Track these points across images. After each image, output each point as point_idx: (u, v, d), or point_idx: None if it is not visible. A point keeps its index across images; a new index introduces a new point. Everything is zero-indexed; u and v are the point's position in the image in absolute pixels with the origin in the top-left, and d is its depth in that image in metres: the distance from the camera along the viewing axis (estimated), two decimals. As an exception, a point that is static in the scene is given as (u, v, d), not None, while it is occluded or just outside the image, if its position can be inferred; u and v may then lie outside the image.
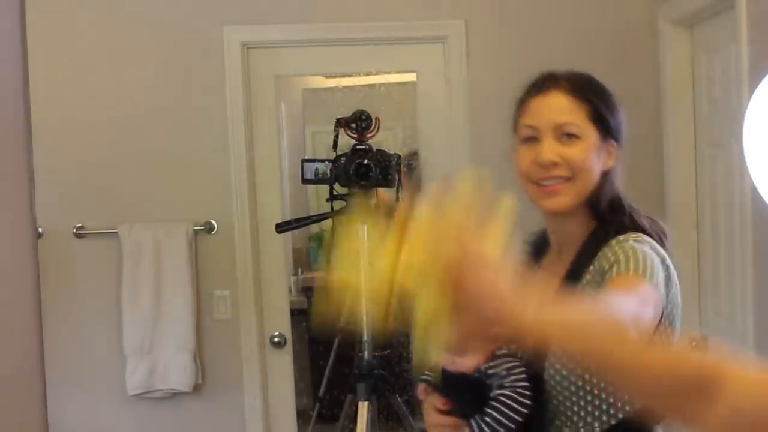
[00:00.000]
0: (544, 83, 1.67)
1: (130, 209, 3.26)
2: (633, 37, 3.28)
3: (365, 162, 2.63)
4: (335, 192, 2.70)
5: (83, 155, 3.23)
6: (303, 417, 3.57)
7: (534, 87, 1.68)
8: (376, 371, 2.66)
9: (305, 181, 2.76)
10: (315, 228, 3.84)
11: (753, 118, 1.69)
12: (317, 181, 2.75)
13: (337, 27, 3.29)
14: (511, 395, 1.54)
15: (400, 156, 2.76)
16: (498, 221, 1.12)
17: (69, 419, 3.16)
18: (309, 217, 2.88)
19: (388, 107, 3.61)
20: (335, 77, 3.86)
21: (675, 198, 3.18)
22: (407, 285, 1.07)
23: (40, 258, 2.07)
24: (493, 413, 1.53)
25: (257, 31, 3.30)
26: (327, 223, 2.87)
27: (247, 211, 3.27)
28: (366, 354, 2.69)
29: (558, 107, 1.64)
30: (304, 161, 2.76)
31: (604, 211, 1.66)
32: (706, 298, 3.10)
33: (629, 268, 1.49)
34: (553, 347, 1.13)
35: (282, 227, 2.79)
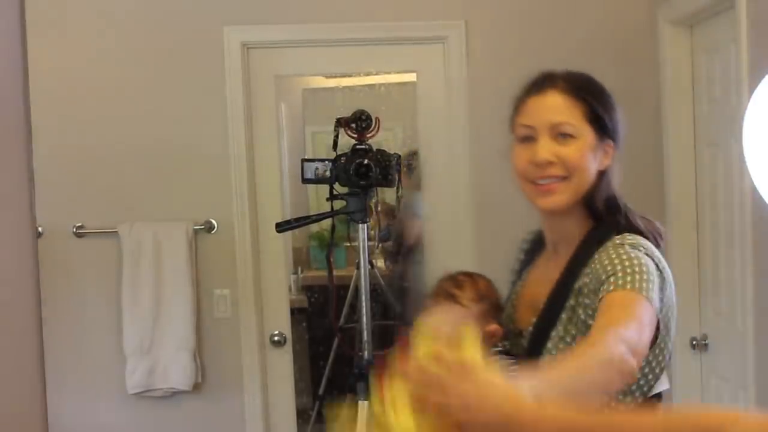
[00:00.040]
0: (541, 83, 1.68)
1: (130, 209, 3.26)
2: (633, 37, 3.28)
3: (365, 162, 2.62)
4: (335, 192, 2.70)
5: (83, 155, 3.23)
6: (303, 416, 3.57)
7: (531, 86, 1.69)
8: (376, 371, 2.66)
9: (305, 181, 2.76)
10: (315, 227, 3.84)
11: (753, 118, 1.69)
12: (317, 181, 2.74)
13: (337, 27, 3.29)
14: None
15: (400, 156, 2.76)
16: (467, 342, 1.18)
17: (69, 419, 3.16)
18: (309, 217, 2.87)
19: (388, 107, 3.61)
20: (335, 77, 3.86)
21: (675, 198, 3.18)
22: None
23: (40, 257, 2.07)
24: None
25: (257, 31, 3.30)
26: (327, 222, 2.87)
27: (247, 211, 3.28)
28: (366, 353, 2.69)
29: (554, 107, 1.64)
30: (304, 161, 2.76)
31: (600, 211, 1.66)
32: (706, 298, 3.10)
33: (626, 281, 1.49)
34: None
35: (282, 227, 2.79)
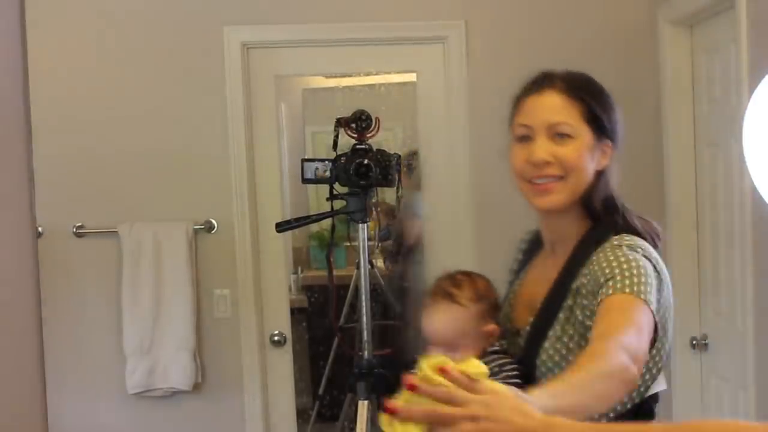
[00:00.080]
0: (539, 82, 1.68)
1: (130, 209, 3.26)
2: (633, 37, 3.29)
3: (365, 162, 2.62)
4: (335, 192, 2.70)
5: (83, 155, 3.23)
6: (303, 416, 3.57)
7: (529, 86, 1.69)
8: (376, 370, 2.66)
9: (305, 181, 2.76)
10: (315, 227, 3.84)
11: (753, 118, 1.69)
12: (317, 181, 2.74)
13: (337, 27, 3.29)
14: None
15: (400, 156, 2.76)
16: (471, 360, 1.21)
17: (69, 419, 3.17)
18: (309, 217, 2.87)
19: (388, 107, 3.61)
20: (335, 77, 3.86)
21: (675, 198, 3.18)
22: None
23: (40, 257, 2.07)
24: None
25: (257, 31, 3.30)
26: (327, 222, 2.87)
27: (247, 211, 3.28)
28: (366, 353, 2.69)
29: (551, 107, 1.64)
30: (304, 161, 2.76)
31: (597, 211, 1.66)
32: (706, 298, 3.10)
33: (625, 284, 1.49)
34: None
35: (282, 227, 2.79)
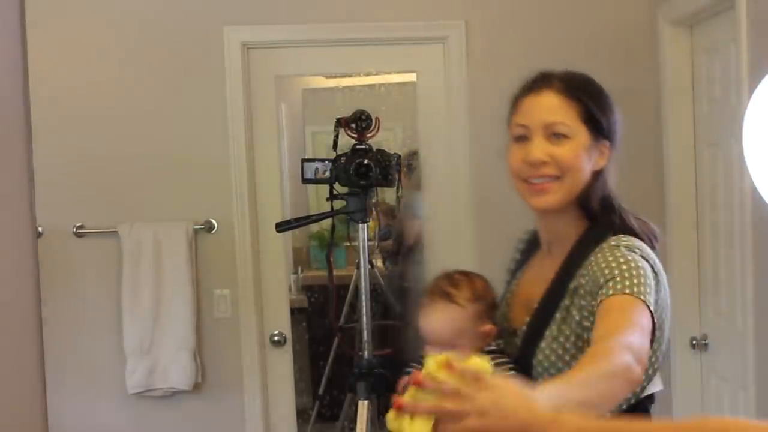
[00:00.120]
0: (537, 82, 1.68)
1: (130, 209, 3.26)
2: (633, 37, 3.29)
3: (365, 162, 2.62)
4: (335, 192, 2.70)
5: (83, 155, 3.23)
6: (303, 416, 3.57)
7: (527, 86, 1.70)
8: (376, 370, 2.66)
9: (305, 181, 2.76)
10: (315, 227, 3.84)
11: (753, 118, 1.69)
12: (317, 181, 2.74)
13: (337, 27, 3.29)
14: None
15: (400, 156, 2.76)
16: (475, 358, 1.21)
17: (69, 419, 3.17)
18: (309, 217, 2.87)
19: (388, 107, 3.61)
20: (335, 77, 3.86)
21: (675, 198, 3.18)
22: None
23: (40, 257, 2.07)
24: None
25: (257, 31, 3.30)
26: (327, 222, 2.87)
27: (247, 211, 3.28)
28: (366, 353, 2.69)
29: (549, 107, 1.64)
30: (304, 161, 2.76)
31: (594, 211, 1.66)
32: (706, 298, 3.10)
33: (625, 285, 1.49)
34: None
35: (282, 227, 2.78)
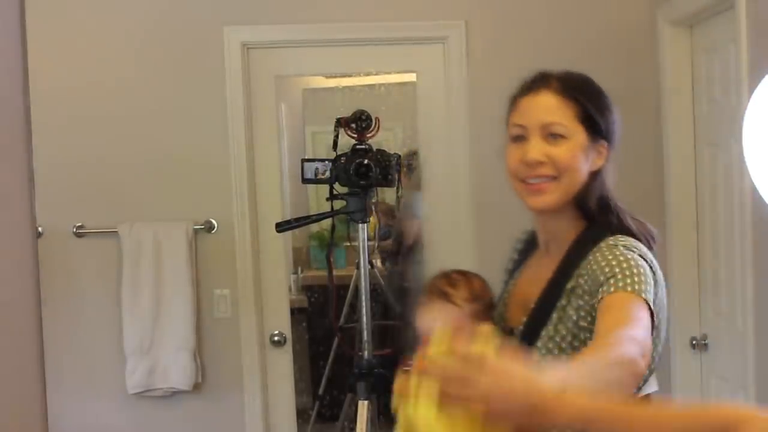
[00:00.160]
0: (535, 82, 1.68)
1: (130, 209, 3.26)
2: (633, 37, 3.28)
3: (365, 162, 2.62)
4: (335, 192, 2.70)
5: (83, 155, 3.23)
6: (303, 416, 3.57)
7: (525, 86, 1.69)
8: (376, 370, 2.66)
9: (305, 181, 2.76)
10: (315, 227, 3.84)
11: (752, 118, 1.69)
12: (317, 181, 2.74)
13: (337, 27, 3.29)
14: None
15: (400, 156, 2.76)
16: (480, 338, 1.21)
17: (69, 419, 3.17)
18: (309, 217, 2.87)
19: (388, 107, 3.61)
20: (335, 77, 3.86)
21: (675, 198, 3.18)
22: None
23: (40, 257, 2.07)
24: None
25: (257, 31, 3.30)
26: (327, 222, 2.87)
27: (247, 211, 3.28)
28: (366, 353, 2.69)
29: (546, 107, 1.64)
30: (304, 161, 2.76)
31: (592, 211, 1.66)
32: (706, 298, 3.10)
33: (626, 283, 1.49)
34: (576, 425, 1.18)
35: (282, 227, 2.79)
